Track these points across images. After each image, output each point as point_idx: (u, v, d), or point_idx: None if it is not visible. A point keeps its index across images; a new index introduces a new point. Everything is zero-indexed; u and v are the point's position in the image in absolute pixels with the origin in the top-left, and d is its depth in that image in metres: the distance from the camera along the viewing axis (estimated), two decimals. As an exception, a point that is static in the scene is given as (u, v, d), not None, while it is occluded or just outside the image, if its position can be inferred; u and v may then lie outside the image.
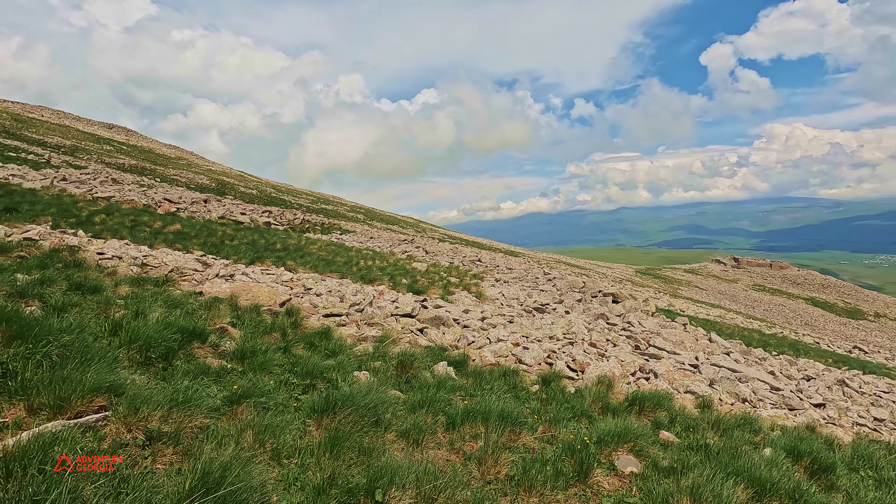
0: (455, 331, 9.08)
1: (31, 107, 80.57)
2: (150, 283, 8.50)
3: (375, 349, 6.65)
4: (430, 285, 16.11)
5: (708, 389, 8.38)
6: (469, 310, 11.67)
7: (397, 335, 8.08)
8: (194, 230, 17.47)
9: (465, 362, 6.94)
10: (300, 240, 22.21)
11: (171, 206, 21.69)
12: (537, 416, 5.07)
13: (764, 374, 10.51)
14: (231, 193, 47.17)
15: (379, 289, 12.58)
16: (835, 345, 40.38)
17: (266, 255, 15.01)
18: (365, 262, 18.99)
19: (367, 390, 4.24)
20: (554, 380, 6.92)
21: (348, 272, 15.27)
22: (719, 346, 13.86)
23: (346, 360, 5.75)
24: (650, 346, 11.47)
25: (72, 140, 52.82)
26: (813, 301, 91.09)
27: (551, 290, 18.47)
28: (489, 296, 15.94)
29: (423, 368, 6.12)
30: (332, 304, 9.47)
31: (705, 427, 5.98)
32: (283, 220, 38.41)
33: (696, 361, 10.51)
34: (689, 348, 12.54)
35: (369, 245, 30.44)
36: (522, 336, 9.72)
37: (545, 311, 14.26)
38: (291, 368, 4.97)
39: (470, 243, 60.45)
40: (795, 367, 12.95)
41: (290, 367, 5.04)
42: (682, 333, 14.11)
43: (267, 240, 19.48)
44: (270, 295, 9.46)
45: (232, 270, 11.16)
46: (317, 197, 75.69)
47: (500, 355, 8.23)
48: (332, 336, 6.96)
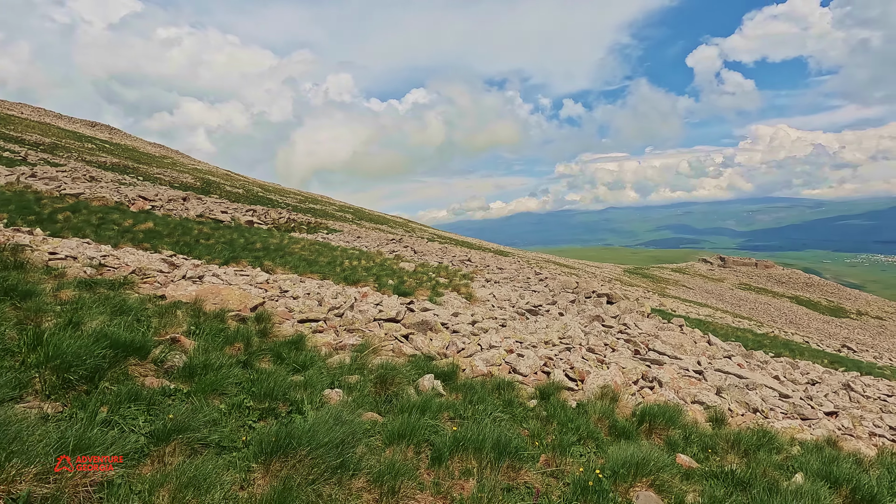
0: (443, 337, 8.34)
1: (10, 104, 78.04)
2: (103, 285, 7.62)
3: (353, 360, 5.89)
4: (417, 286, 15.36)
5: (716, 399, 7.76)
6: (459, 313, 10.94)
7: (379, 343, 7.32)
8: (168, 228, 16.49)
9: (455, 374, 6.21)
10: (283, 239, 21.29)
11: (146, 204, 20.63)
12: (538, 442, 4.35)
13: (770, 380, 9.95)
14: (216, 192, 45.93)
15: (362, 291, 11.79)
16: (823, 343, 40.46)
17: (243, 254, 14.11)
18: (350, 263, 18.16)
19: (334, 419, 3.48)
20: (553, 392, 6.22)
21: (331, 273, 14.45)
22: (719, 348, 13.33)
23: (317, 376, 4.97)
24: (650, 351, 10.86)
25: (51, 138, 51.05)
26: (797, 299, 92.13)
27: (544, 290, 17.83)
28: (480, 297, 15.23)
29: (407, 383, 5.37)
30: (310, 309, 8.67)
31: (724, 447, 5.32)
32: (267, 218, 37.44)
33: (700, 367, 9.91)
34: (689, 352, 11.97)
35: (356, 245, 29.59)
36: (516, 342, 9.02)
37: (538, 312, 13.60)
38: (248, 388, 4.19)
39: (459, 243, 59.80)
40: (798, 371, 12.46)
41: (248, 387, 4.26)
42: (680, 336, 13.56)
43: (247, 239, 18.54)
44: (241, 298, 8.64)
45: (202, 271, 10.29)
46: (305, 196, 74.40)
47: (493, 364, 7.52)
48: (304, 345, 6.17)
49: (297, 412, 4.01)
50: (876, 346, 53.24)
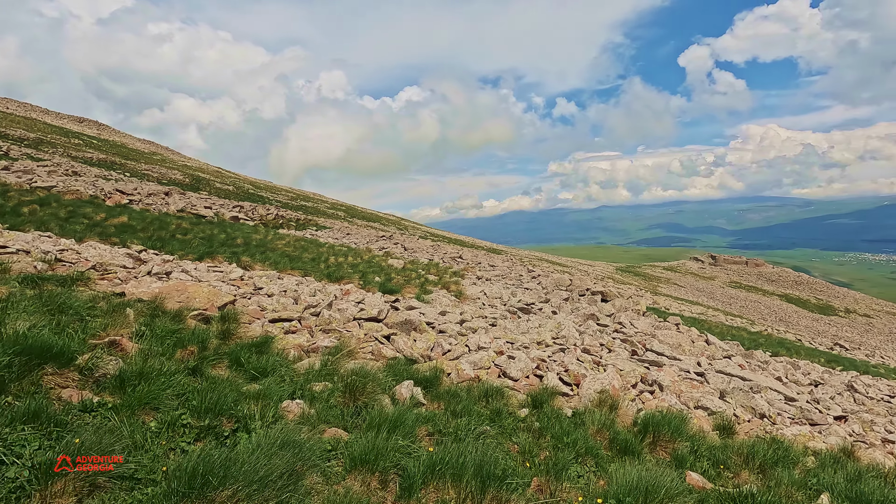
0: (428, 337, 7.73)
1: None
2: (53, 282, 6.92)
3: (324, 364, 5.25)
4: (405, 284, 14.73)
5: (721, 404, 7.23)
6: (447, 311, 10.33)
7: (357, 344, 6.70)
8: (143, 223, 15.71)
9: (438, 379, 5.59)
10: (267, 235, 20.55)
11: (123, 198, 19.76)
12: (529, 462, 3.75)
13: (773, 382, 9.45)
14: (206, 189, 44.91)
15: (345, 288, 11.14)
16: (816, 341, 40.39)
17: (221, 250, 13.39)
18: (336, 259, 17.49)
19: (282, 441, 2.86)
20: (546, 400, 5.63)
21: (314, 269, 13.78)
22: (718, 348, 12.84)
23: (277, 384, 4.33)
24: (648, 351, 10.33)
25: (37, 133, 49.68)
26: (787, 297, 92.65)
27: (536, 288, 17.27)
28: (470, 295, 14.64)
29: (382, 391, 4.75)
30: (284, 307, 8.01)
31: (737, 461, 4.77)
32: (254, 215, 36.66)
33: (700, 368, 9.39)
34: (687, 352, 11.46)
35: (345, 241, 28.89)
36: (507, 342, 8.43)
37: (531, 311, 13.03)
38: (187, 402, 3.54)
39: (452, 241, 59.21)
40: (800, 372, 12.02)
41: (189, 399, 3.61)
42: (677, 335, 13.06)
43: (228, 234, 17.79)
44: (209, 296, 7.96)
45: (171, 267, 9.58)
46: (296, 194, 73.35)
47: (481, 367, 6.92)
48: (270, 348, 5.53)
49: (243, 430, 3.37)
50: (864, 343, 53.49)
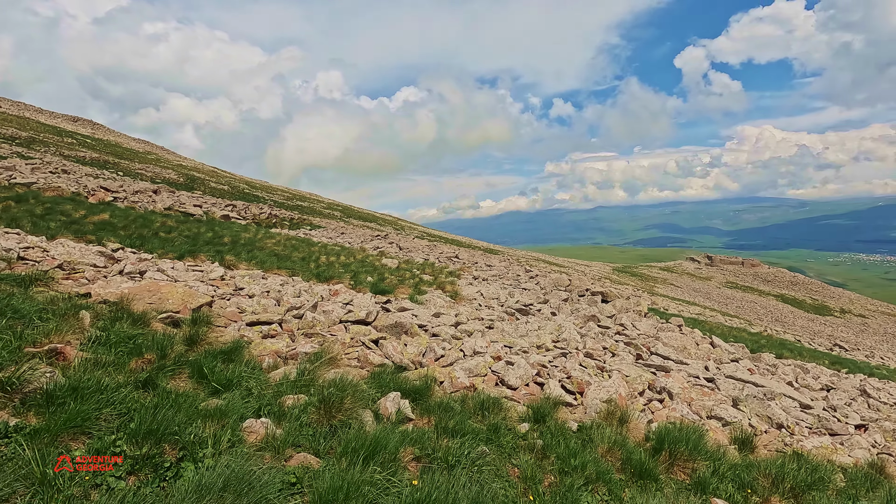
0: (420, 341, 7.16)
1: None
2: (7, 281, 6.33)
3: (301, 374, 4.68)
4: (398, 284, 14.16)
5: (735, 413, 6.71)
6: (441, 313, 9.77)
7: (342, 350, 6.13)
8: (125, 221, 15.07)
9: (429, 389, 5.03)
10: (258, 234, 19.92)
11: (107, 196, 19.09)
12: (533, 493, 3.20)
13: (785, 388, 8.94)
14: (200, 188, 44.28)
15: (334, 288, 10.56)
16: (815, 342, 40.07)
17: (205, 249, 12.77)
18: (327, 259, 16.90)
19: (228, 478, 2.29)
20: (549, 412, 5.08)
21: (303, 269, 13.18)
22: (724, 351, 12.33)
23: (240, 400, 3.76)
24: (652, 355, 9.80)
25: (29, 132, 48.89)
26: (782, 298, 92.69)
27: (534, 288, 16.74)
28: (466, 295, 14.09)
29: (364, 405, 4.18)
30: (264, 309, 7.43)
31: (764, 484, 4.23)
32: (247, 214, 36.14)
33: (709, 374, 8.87)
34: (693, 355, 10.94)
35: (339, 241, 28.31)
36: (504, 346, 7.88)
37: (529, 312, 12.49)
38: (125, 425, 2.97)
39: (449, 241, 58.68)
40: (810, 376, 11.53)
41: (130, 420, 3.04)
42: (681, 337, 12.55)
43: (216, 233, 17.16)
44: (184, 297, 7.37)
45: (147, 266, 8.97)
46: (292, 194, 72.68)
47: (477, 374, 6.36)
48: (240, 356, 4.95)
49: (190, 460, 2.80)
50: (860, 343, 53.28)
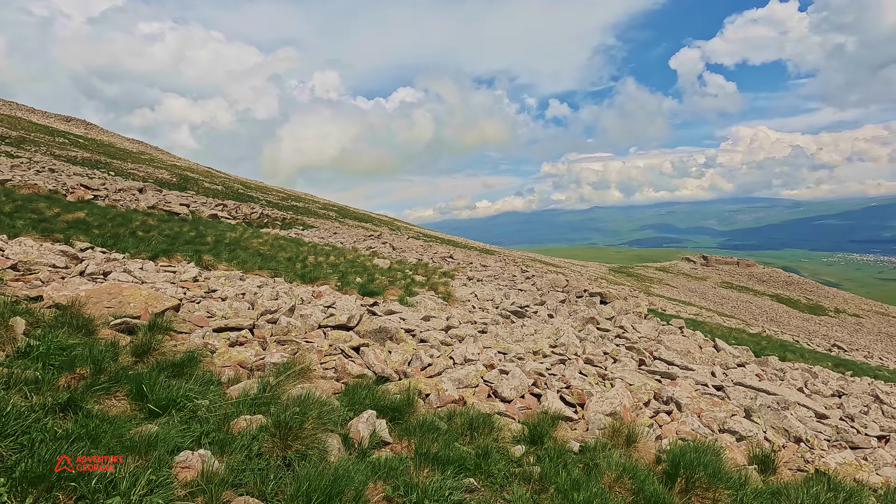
0: (405, 348, 6.55)
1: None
2: (-57, 284, 5.69)
3: (262, 390, 4.06)
4: (389, 285, 13.54)
5: (749, 426, 6.14)
6: (431, 316, 9.16)
7: (318, 359, 5.51)
8: (103, 220, 14.37)
9: (411, 405, 4.42)
10: (244, 233, 19.25)
11: (87, 193, 18.37)
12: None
13: (797, 395, 8.40)
14: (194, 188, 43.68)
15: (318, 290, 9.93)
16: (813, 343, 39.72)
17: (183, 248, 12.11)
18: (315, 259, 16.26)
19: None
20: (547, 429, 4.49)
21: (288, 270, 12.55)
22: (728, 354, 11.79)
23: (178, 426, 3.14)
24: (656, 360, 9.24)
25: (20, 131, 48.07)
26: (777, 298, 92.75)
27: (531, 289, 16.16)
28: (459, 297, 13.49)
29: (331, 428, 3.57)
30: (236, 313, 6.80)
31: (797, 517, 3.66)
32: (238, 214, 35.56)
33: (717, 381, 8.30)
34: (697, 360, 10.39)
35: (331, 240, 27.67)
36: (498, 353, 7.28)
37: (525, 314, 11.90)
38: (11, 465, 2.35)
39: (445, 241, 58.10)
40: (819, 380, 11.01)
41: (25, 458, 2.42)
42: (683, 340, 12.00)
43: (199, 232, 16.49)
44: (147, 300, 6.74)
45: (113, 267, 8.32)
46: (287, 194, 71.96)
47: (467, 385, 5.76)
48: (194, 368, 4.32)
49: (89, 513, 2.19)
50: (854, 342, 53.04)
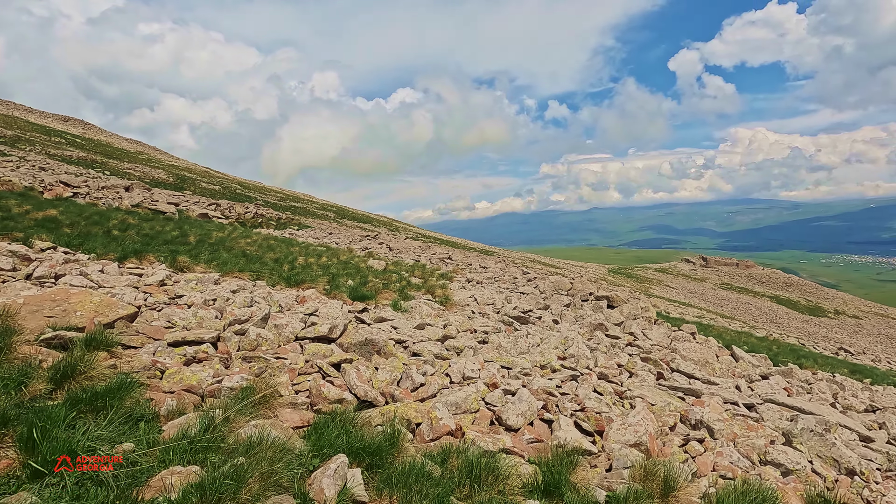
0: (395, 364, 5.66)
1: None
2: None
3: (204, 429, 3.17)
4: (382, 288, 12.65)
5: (795, 456, 5.26)
6: (426, 323, 8.27)
7: (290, 379, 4.63)
8: (77, 218, 13.46)
9: (395, 445, 3.53)
10: (232, 233, 18.35)
11: (67, 191, 17.46)
12: None
13: (831, 411, 7.53)
14: (190, 188, 43.08)
15: (303, 294, 9.04)
16: (819, 346, 38.90)
17: (160, 249, 11.21)
18: (306, 260, 15.36)
19: None
20: (564, 473, 3.61)
21: (274, 271, 11.65)
22: (747, 363, 10.93)
23: (51, 499, 2.26)
24: (674, 372, 8.37)
25: (15, 130, 47.31)
26: (777, 299, 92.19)
27: (533, 292, 15.28)
28: (458, 301, 12.61)
29: (282, 488, 2.69)
30: (200, 323, 5.91)
31: None
32: (231, 213, 34.73)
33: (747, 398, 7.42)
34: (717, 371, 9.52)
35: (326, 241, 26.79)
36: (502, 368, 6.39)
37: (529, 320, 11.02)
38: None
39: (444, 242, 57.28)
40: (849, 393, 10.15)
41: None
42: (699, 348, 11.13)
43: (182, 231, 15.59)
44: (98, 307, 5.86)
45: (69, 269, 7.43)
46: (286, 194, 71.20)
47: (466, 410, 4.87)
48: (119, 399, 3.43)
49: None
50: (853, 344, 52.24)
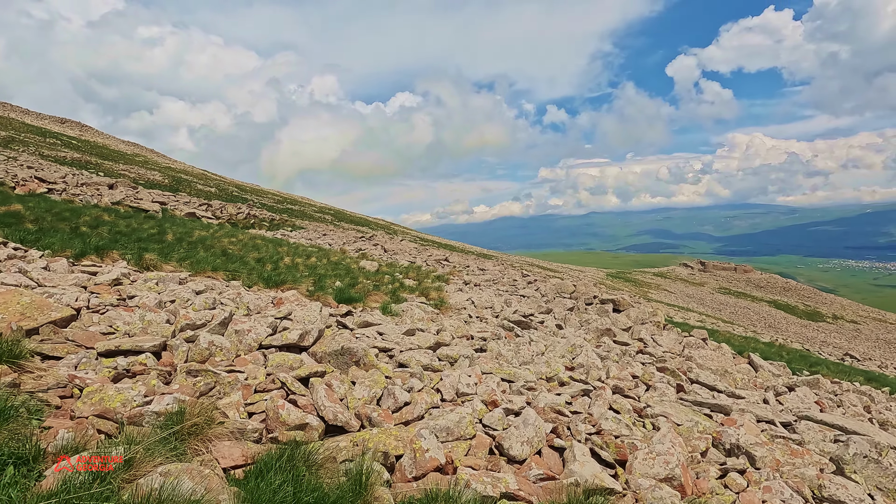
0: (376, 378, 4.75)
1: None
2: None
3: (89, 482, 2.27)
4: (373, 290, 11.74)
5: (854, 490, 4.38)
6: (417, 328, 7.36)
7: (241, 399, 3.73)
8: (45, 214, 12.52)
9: (360, 496, 2.63)
10: (216, 232, 17.43)
11: (41, 187, 16.51)
12: None
13: (876, 430, 6.66)
14: (186, 190, 42.58)
15: (283, 295, 8.12)
16: (825, 352, 38.09)
17: (127, 246, 10.29)
18: (292, 260, 14.44)
19: None
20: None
21: (254, 272, 10.74)
22: (767, 372, 10.05)
23: None
24: (694, 384, 7.49)
25: (10, 131, 46.58)
26: (775, 303, 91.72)
27: (534, 295, 14.38)
28: (454, 304, 11.71)
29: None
30: (145, 328, 5.01)
31: None
32: (222, 213, 33.91)
33: (779, 414, 6.55)
34: (739, 381, 8.63)
35: (318, 242, 25.87)
36: (502, 381, 5.49)
37: (530, 325, 10.12)
38: None
39: (442, 245, 56.47)
40: (881, 405, 9.29)
41: None
42: (715, 355, 10.25)
43: (162, 229, 14.66)
44: (26, 309, 4.97)
45: (7, 266, 6.52)
46: (283, 197, 70.40)
47: (459, 437, 3.97)
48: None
49: None
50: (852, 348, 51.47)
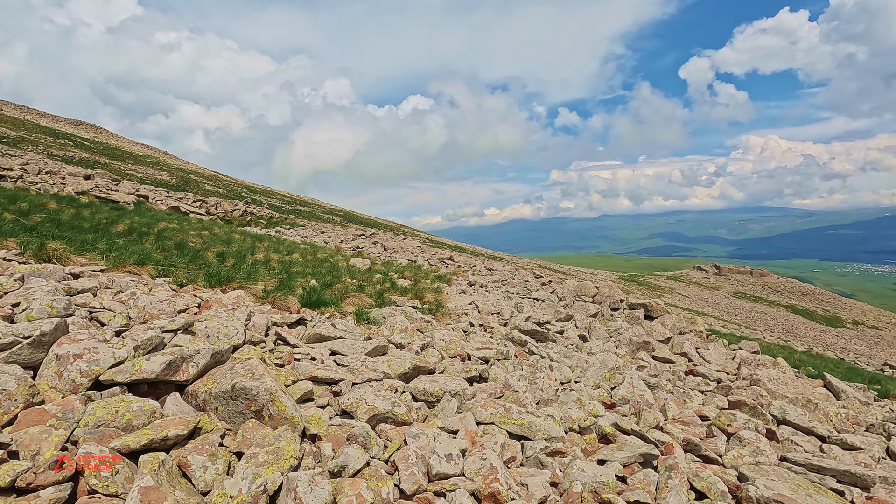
0: (279, 447, 2.62)
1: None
2: None
3: None
4: (355, 291, 9.67)
5: None
6: (394, 344, 5.27)
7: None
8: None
9: None
10: (185, 225, 15.54)
11: (-5, 174, 14.78)
12: None
13: None
14: (193, 189, 42.15)
15: (219, 297, 6.09)
16: (861, 361, 35.24)
17: (46, 235, 8.40)
18: (266, 255, 12.43)
19: None
20: None
21: (202, 267, 8.75)
22: (853, 399, 7.79)
23: None
24: (781, 424, 5.31)
25: (21, 132, 46.25)
26: (793, 308, 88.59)
27: (550, 298, 12.20)
28: (453, 308, 9.57)
29: None
30: None
31: None
32: (217, 210, 32.42)
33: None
34: (833, 416, 6.42)
35: (314, 239, 24.04)
36: (511, 437, 3.40)
37: (548, 335, 7.96)
38: None
39: (452, 247, 54.60)
40: None
41: None
42: (786, 378, 8.00)
43: (115, 219, 12.78)
44: None
45: None
46: (293, 198, 69.33)
47: None
48: None
49: None
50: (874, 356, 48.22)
